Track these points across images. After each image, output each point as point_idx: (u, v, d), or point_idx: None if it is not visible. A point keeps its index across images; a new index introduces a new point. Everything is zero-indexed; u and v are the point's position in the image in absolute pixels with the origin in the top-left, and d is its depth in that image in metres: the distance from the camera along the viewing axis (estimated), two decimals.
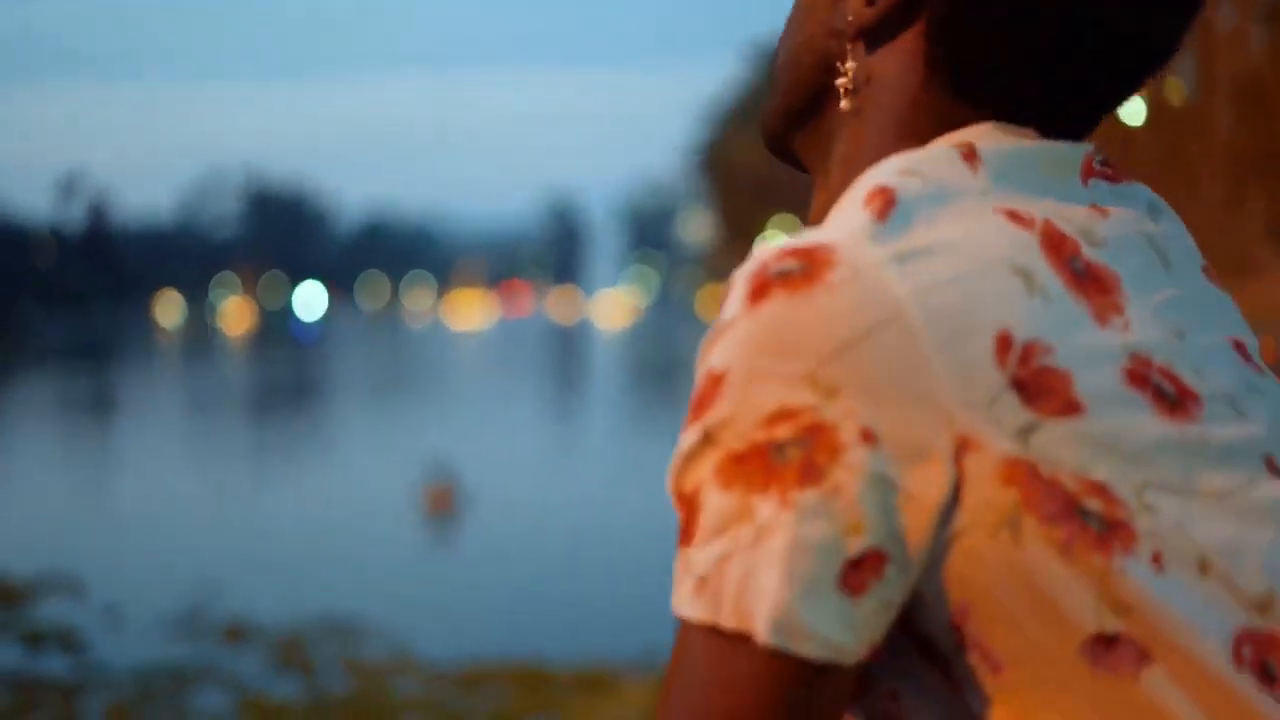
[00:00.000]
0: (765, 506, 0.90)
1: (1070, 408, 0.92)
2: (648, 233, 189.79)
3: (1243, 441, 0.97)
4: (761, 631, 0.89)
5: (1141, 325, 0.97)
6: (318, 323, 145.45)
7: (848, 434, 0.90)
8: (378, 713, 11.32)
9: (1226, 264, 20.66)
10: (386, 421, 40.79)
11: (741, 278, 0.94)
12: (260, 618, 14.13)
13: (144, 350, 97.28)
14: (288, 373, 67.73)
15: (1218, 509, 0.94)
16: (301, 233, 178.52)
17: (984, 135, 1.02)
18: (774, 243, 0.95)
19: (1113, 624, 0.91)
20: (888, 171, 0.99)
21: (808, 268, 0.92)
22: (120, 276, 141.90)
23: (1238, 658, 0.92)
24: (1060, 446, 0.92)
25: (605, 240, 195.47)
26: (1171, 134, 20.19)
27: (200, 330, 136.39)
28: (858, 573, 0.90)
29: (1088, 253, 0.99)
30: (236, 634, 13.60)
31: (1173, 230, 1.08)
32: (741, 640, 0.90)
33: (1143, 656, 0.91)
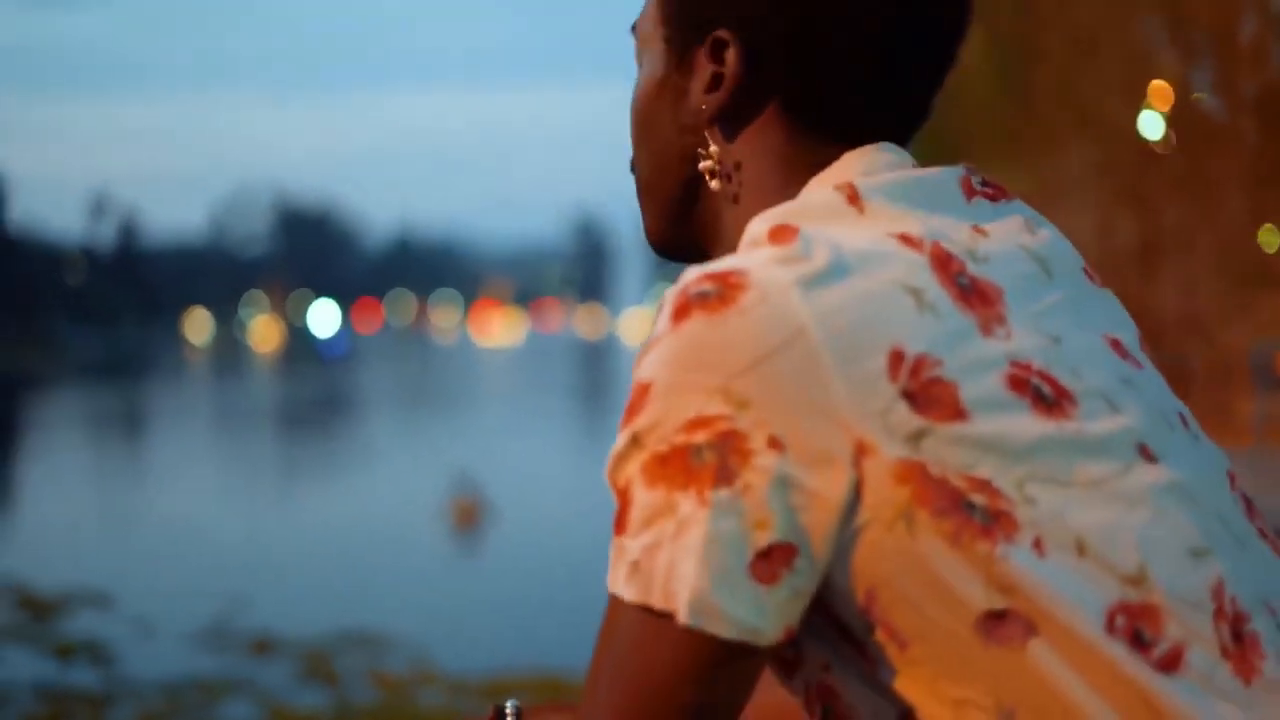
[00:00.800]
0: (685, 503, 1.01)
1: (956, 414, 1.02)
2: None
3: (1117, 433, 1.07)
4: (681, 613, 1.00)
5: (1022, 333, 1.08)
6: (345, 339, 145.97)
7: (757, 441, 1.01)
8: None
9: (1250, 275, 20.70)
10: (413, 436, 40.98)
11: (668, 298, 1.05)
12: (287, 631, 14.26)
13: (174, 366, 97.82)
14: (315, 388, 68.06)
15: (1094, 496, 1.04)
16: (329, 250, 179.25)
17: (858, 173, 1.13)
18: (695, 268, 1.06)
19: (999, 602, 1.01)
20: (780, 214, 1.10)
21: (723, 291, 1.03)
22: (150, 294, 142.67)
23: (1110, 627, 1.01)
24: (947, 449, 1.02)
25: (631, 257, 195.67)
26: (1195, 147, 20.25)
27: (229, 347, 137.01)
28: (768, 564, 1.01)
29: (972, 269, 1.09)
30: (264, 646, 13.75)
31: (1053, 240, 1.17)
32: (667, 620, 1.01)
33: (1028, 630, 1.01)
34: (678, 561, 1.01)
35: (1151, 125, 18.50)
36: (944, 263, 1.08)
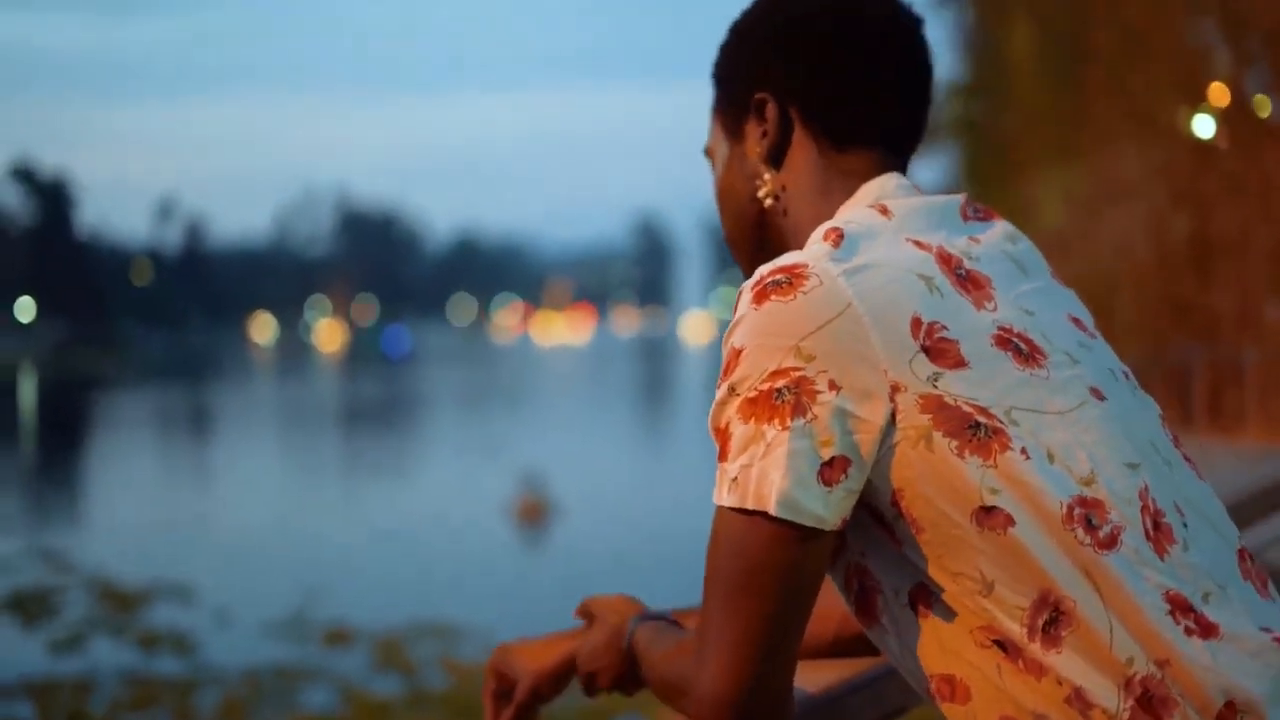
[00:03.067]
0: (770, 430, 1.43)
1: (960, 363, 1.45)
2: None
3: (1075, 379, 1.50)
4: (773, 508, 1.42)
5: (1005, 308, 1.52)
6: (407, 340, 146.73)
7: (821, 384, 1.43)
8: (475, 708, 11.84)
9: None
10: (478, 434, 41.20)
11: (748, 287, 1.48)
12: (360, 621, 14.66)
13: (240, 367, 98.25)
14: (380, 388, 68.47)
15: (1059, 421, 1.46)
16: (392, 252, 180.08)
17: (890, 194, 1.58)
18: (768, 263, 1.48)
19: (990, 499, 1.43)
20: (835, 220, 1.54)
21: (791, 279, 1.46)
22: (216, 296, 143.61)
23: (1069, 515, 1.42)
24: (956, 386, 1.44)
25: (692, 260, 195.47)
26: (1250, 146, 20.33)
27: (294, 348, 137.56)
28: (830, 471, 1.43)
29: (967, 264, 1.53)
30: (339, 636, 14.17)
31: (1028, 248, 1.64)
32: (759, 516, 1.43)
33: (1009, 521, 1.42)
34: (767, 472, 1.42)
35: (1205, 125, 18.67)
36: (946, 260, 1.51)
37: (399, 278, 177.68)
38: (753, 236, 1.69)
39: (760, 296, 1.46)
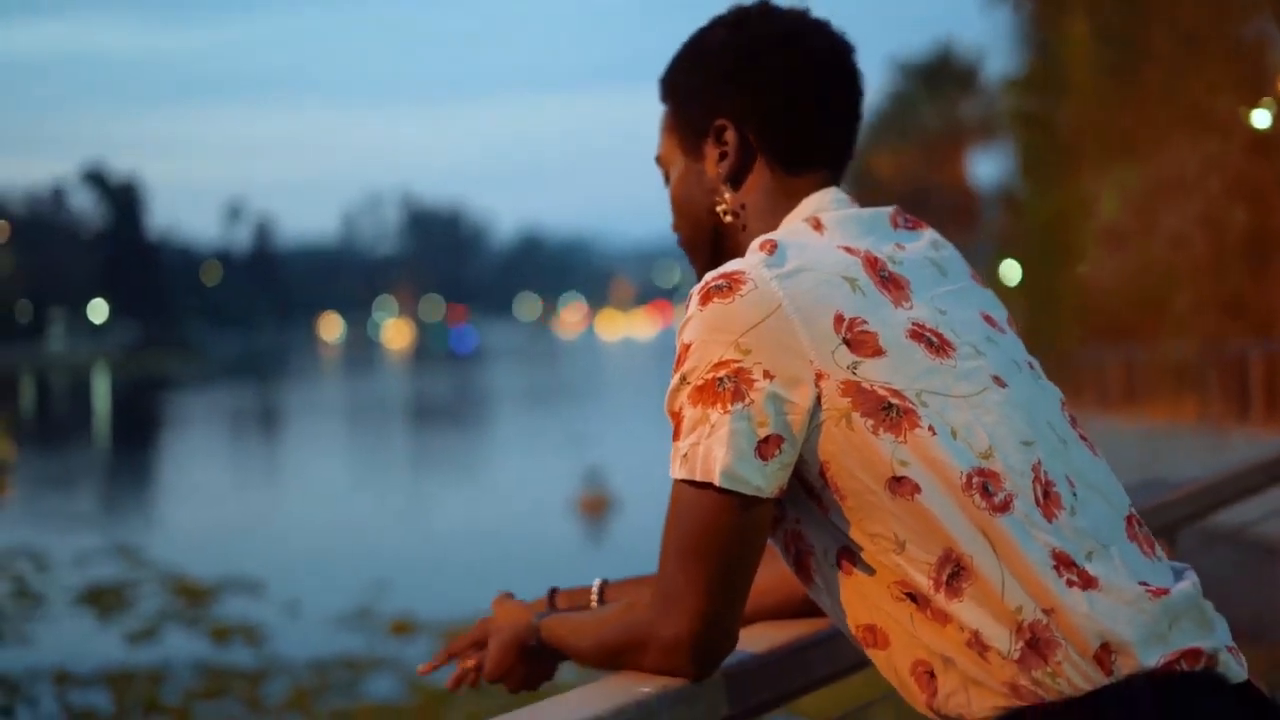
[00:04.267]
0: (714, 413, 1.68)
1: (876, 352, 1.70)
2: None
3: (979, 368, 1.75)
4: (717, 479, 1.67)
5: (920, 307, 1.76)
6: (473, 337, 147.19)
7: (756, 374, 1.68)
8: (537, 694, 12.15)
9: None
10: (542, 428, 41.26)
11: (696, 290, 1.74)
12: (425, 613, 14.94)
13: (310, 365, 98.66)
14: (448, 383, 68.72)
15: (963, 404, 1.71)
16: (457, 250, 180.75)
17: (824, 209, 1.84)
18: (713, 270, 1.75)
19: (900, 470, 1.67)
20: (769, 236, 1.79)
21: (730, 284, 1.71)
22: (284, 296, 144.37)
23: (969, 483, 1.67)
24: (873, 372, 1.69)
25: None
26: None
27: (362, 346, 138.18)
28: (766, 447, 1.67)
29: (891, 268, 1.78)
30: (404, 627, 14.48)
31: (950, 254, 1.88)
32: (706, 487, 1.68)
33: (915, 489, 1.67)
34: (712, 449, 1.66)
35: (1263, 117, 18.68)
36: (872, 263, 1.76)
37: (464, 275, 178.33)
38: (709, 245, 1.92)
39: (705, 299, 1.70)
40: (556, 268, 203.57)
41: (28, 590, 16.79)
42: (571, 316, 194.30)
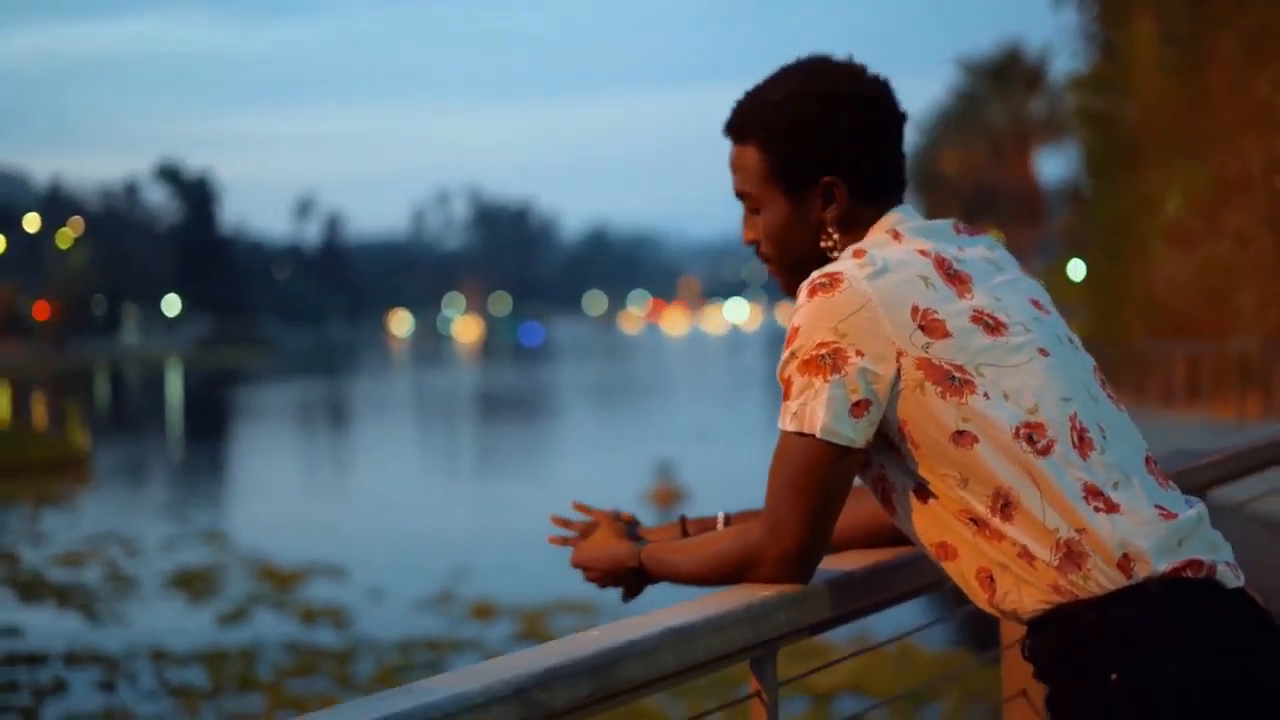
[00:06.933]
0: (817, 382, 2.15)
1: (945, 335, 2.17)
2: None
3: (1028, 341, 2.21)
4: (819, 432, 2.15)
5: (980, 296, 2.22)
6: (540, 333, 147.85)
7: (850, 352, 2.15)
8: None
9: None
10: (612, 421, 41.39)
11: (804, 286, 2.21)
12: (503, 598, 15.36)
13: (380, 359, 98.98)
14: (517, 377, 68.90)
15: (1014, 372, 2.18)
16: (526, 245, 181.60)
17: (900, 223, 2.31)
18: (817, 270, 2.22)
19: (961, 425, 2.15)
20: (858, 245, 2.26)
21: (830, 282, 2.18)
22: (354, 291, 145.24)
23: (1017, 434, 2.14)
24: (941, 351, 2.16)
25: None
26: None
27: (432, 341, 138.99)
28: (857, 409, 2.15)
29: (955, 266, 2.25)
30: (485, 611, 14.93)
31: (1002, 253, 2.34)
32: (811, 438, 2.16)
33: (974, 440, 2.15)
34: (816, 409, 2.14)
35: None
36: (940, 263, 2.22)
37: (532, 271, 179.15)
38: (810, 269, 2.32)
39: (812, 293, 2.17)
40: (623, 264, 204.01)
41: (120, 574, 17.37)
42: (637, 312, 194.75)
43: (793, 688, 10.63)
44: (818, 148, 2.31)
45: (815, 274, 2.19)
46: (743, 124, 2.36)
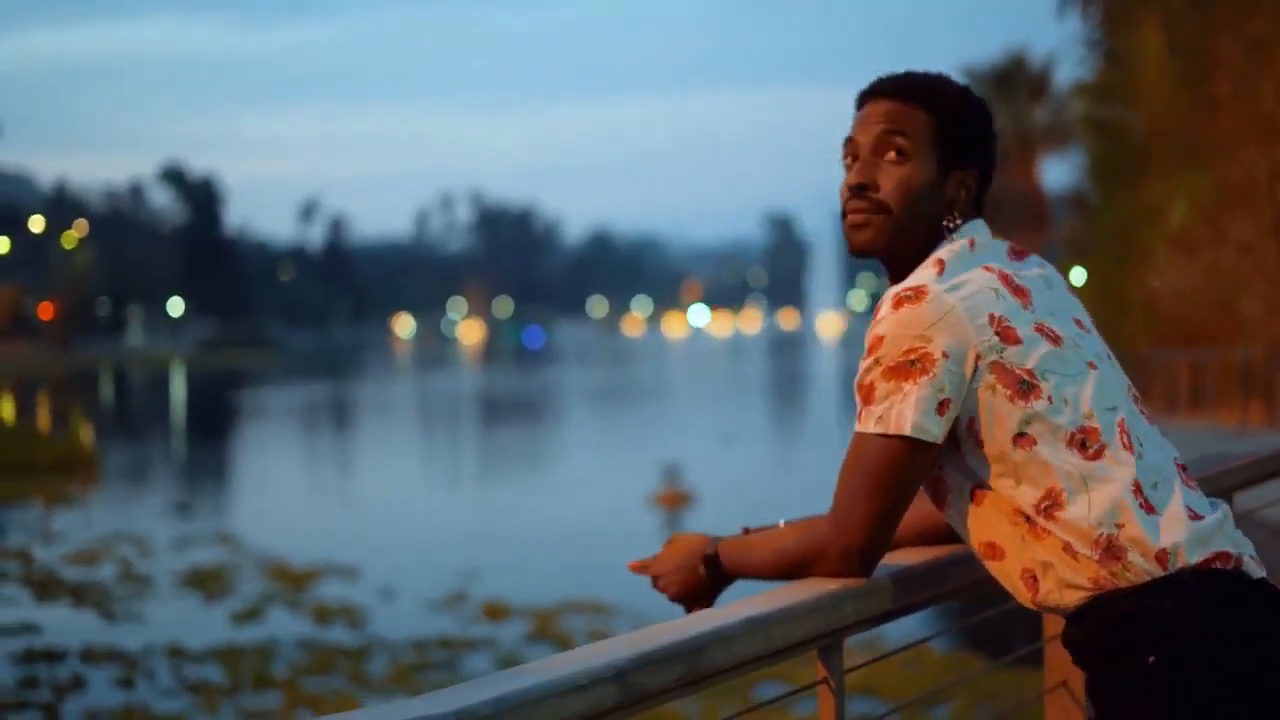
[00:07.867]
0: (906, 385, 2.30)
1: (1016, 341, 2.33)
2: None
3: (1080, 355, 2.38)
4: (908, 430, 2.30)
5: (1039, 309, 2.39)
6: (542, 336, 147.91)
7: (936, 355, 2.31)
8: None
9: None
10: (617, 423, 41.35)
11: (888, 296, 2.37)
12: (515, 599, 15.47)
13: (384, 361, 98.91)
14: (520, 380, 68.89)
15: (1071, 380, 2.35)
16: (528, 248, 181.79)
17: (979, 233, 2.48)
18: (896, 286, 2.37)
19: (1024, 428, 2.32)
20: (939, 253, 2.43)
21: (915, 294, 2.34)
22: (358, 292, 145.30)
23: (1071, 439, 2.32)
24: (1013, 357, 2.32)
25: (825, 262, 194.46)
26: None
27: (435, 343, 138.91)
28: (942, 407, 2.31)
29: (1017, 280, 2.41)
30: (496, 612, 15.05)
31: (1052, 272, 2.53)
32: (896, 438, 2.31)
33: (1034, 442, 2.31)
34: (904, 410, 2.29)
35: None
36: (1005, 278, 2.39)
37: (535, 274, 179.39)
38: (921, 234, 2.47)
39: (897, 304, 2.32)
40: (626, 268, 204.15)
41: (133, 573, 17.50)
42: (638, 316, 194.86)
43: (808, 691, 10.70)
44: (977, 140, 2.51)
45: (898, 288, 2.35)
46: (917, 89, 2.51)
